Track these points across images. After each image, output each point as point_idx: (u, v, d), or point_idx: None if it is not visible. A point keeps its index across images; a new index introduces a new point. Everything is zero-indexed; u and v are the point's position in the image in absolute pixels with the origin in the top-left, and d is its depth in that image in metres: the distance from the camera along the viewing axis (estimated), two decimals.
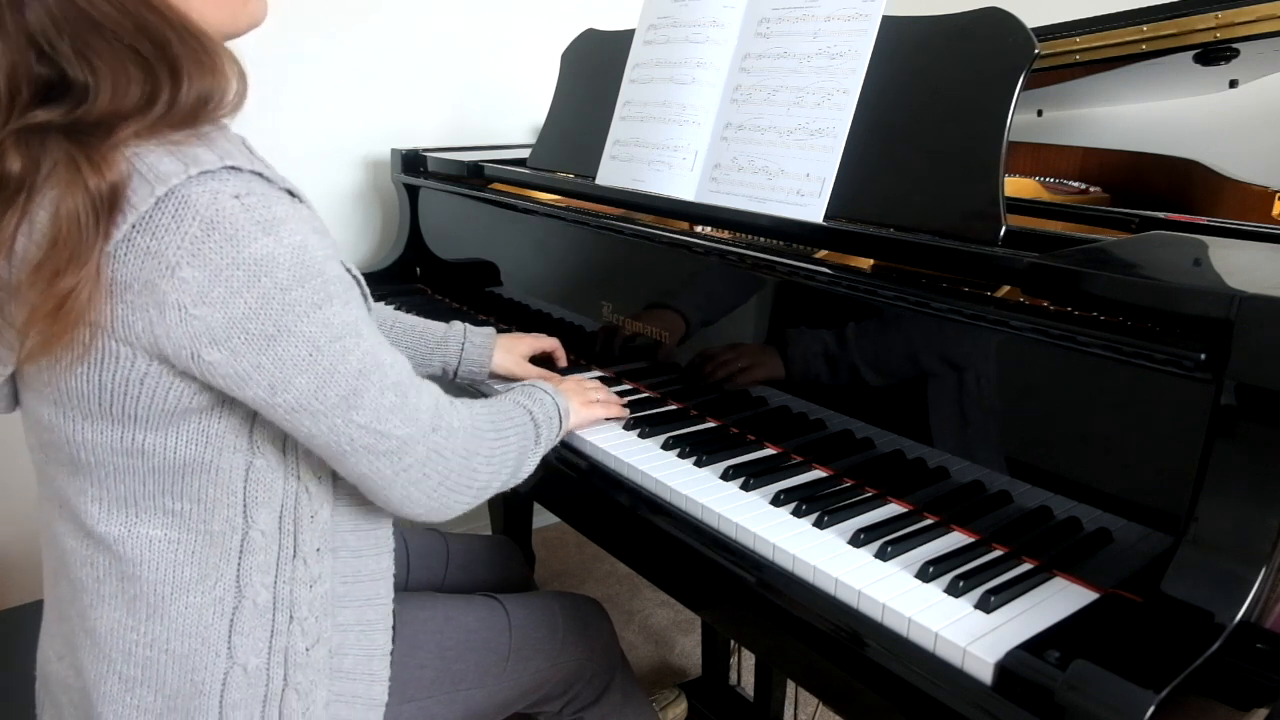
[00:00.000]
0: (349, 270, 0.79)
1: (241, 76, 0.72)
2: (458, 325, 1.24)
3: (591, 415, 1.10)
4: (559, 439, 1.03)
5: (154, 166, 0.65)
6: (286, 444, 0.79)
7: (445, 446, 0.83)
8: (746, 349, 1.10)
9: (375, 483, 0.80)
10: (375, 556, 0.89)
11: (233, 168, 0.67)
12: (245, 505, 0.77)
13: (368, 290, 0.84)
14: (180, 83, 0.67)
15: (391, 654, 0.94)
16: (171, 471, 0.74)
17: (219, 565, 0.78)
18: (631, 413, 1.14)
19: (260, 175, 0.69)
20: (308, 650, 0.83)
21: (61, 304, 0.63)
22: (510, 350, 1.25)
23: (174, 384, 0.70)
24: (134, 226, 0.64)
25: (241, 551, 0.78)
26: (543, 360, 1.29)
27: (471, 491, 0.87)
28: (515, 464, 0.94)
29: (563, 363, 1.31)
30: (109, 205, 0.64)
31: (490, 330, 1.25)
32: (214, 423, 0.74)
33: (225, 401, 0.74)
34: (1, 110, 0.65)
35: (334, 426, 0.74)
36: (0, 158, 0.64)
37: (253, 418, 0.76)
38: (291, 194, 0.72)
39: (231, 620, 0.79)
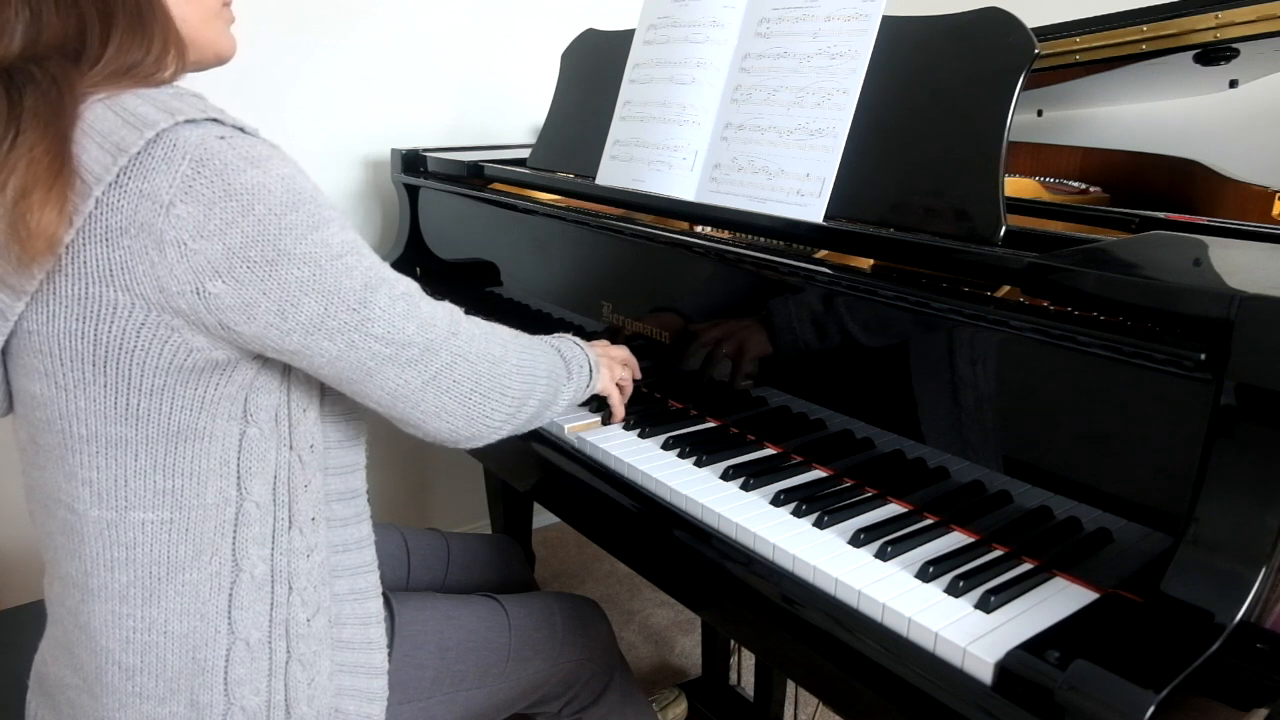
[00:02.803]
0: None
1: (179, 54, 0.76)
2: None
3: (611, 389, 1.10)
4: (589, 391, 1.03)
5: (133, 111, 0.68)
6: (279, 412, 0.79)
7: (469, 350, 0.83)
8: (746, 349, 1.10)
9: (407, 399, 0.80)
10: (358, 524, 0.90)
11: (215, 120, 0.70)
12: (239, 476, 0.78)
13: None
14: (109, 35, 0.71)
15: (390, 653, 0.94)
16: (165, 440, 0.74)
17: (214, 540, 0.78)
18: (630, 412, 1.14)
19: (241, 129, 0.72)
20: (308, 621, 0.83)
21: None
22: None
23: (170, 337, 0.70)
24: (123, 170, 0.66)
25: (236, 524, 0.78)
26: None
27: (507, 400, 0.87)
28: (548, 387, 0.93)
29: None
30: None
31: None
32: (209, 389, 0.74)
33: (220, 365, 0.74)
34: None
35: (352, 343, 0.75)
36: None
37: (249, 384, 0.76)
38: (272, 146, 0.74)
39: (230, 595, 0.79)
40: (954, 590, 0.76)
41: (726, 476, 0.98)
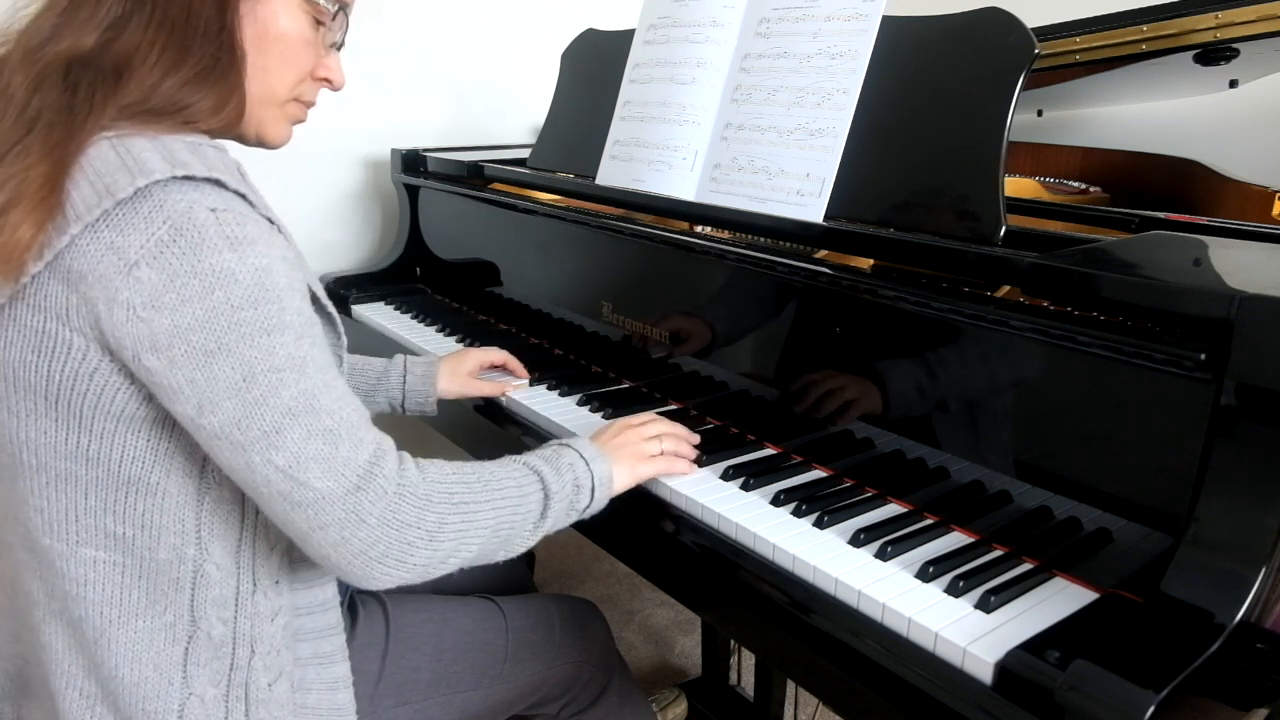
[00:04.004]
0: (325, 308, 0.77)
1: (232, 114, 0.74)
2: (399, 358, 1.22)
3: (649, 471, 0.96)
4: (592, 511, 0.91)
5: (136, 156, 0.66)
6: None
7: (370, 512, 0.72)
8: (745, 349, 1.10)
9: (292, 534, 0.74)
10: (322, 586, 0.86)
11: (217, 182, 0.68)
12: (199, 537, 0.75)
13: (343, 337, 0.82)
14: (170, 74, 0.69)
15: (386, 655, 0.94)
16: (115, 487, 0.72)
17: (168, 593, 0.75)
18: (630, 413, 1.13)
19: (243, 197, 0.69)
20: (270, 685, 0.80)
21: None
22: (455, 372, 1.22)
23: (122, 385, 0.69)
24: (105, 214, 0.65)
25: (195, 584, 0.75)
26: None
27: (404, 568, 0.75)
28: (487, 543, 0.81)
29: (522, 373, 1.27)
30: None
31: (432, 358, 1.23)
32: (162, 442, 0.72)
33: (170, 417, 0.71)
34: None
35: (251, 463, 0.69)
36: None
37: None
38: (271, 222, 0.72)
39: (186, 649, 0.76)
40: (954, 590, 0.76)
41: (726, 476, 0.98)
